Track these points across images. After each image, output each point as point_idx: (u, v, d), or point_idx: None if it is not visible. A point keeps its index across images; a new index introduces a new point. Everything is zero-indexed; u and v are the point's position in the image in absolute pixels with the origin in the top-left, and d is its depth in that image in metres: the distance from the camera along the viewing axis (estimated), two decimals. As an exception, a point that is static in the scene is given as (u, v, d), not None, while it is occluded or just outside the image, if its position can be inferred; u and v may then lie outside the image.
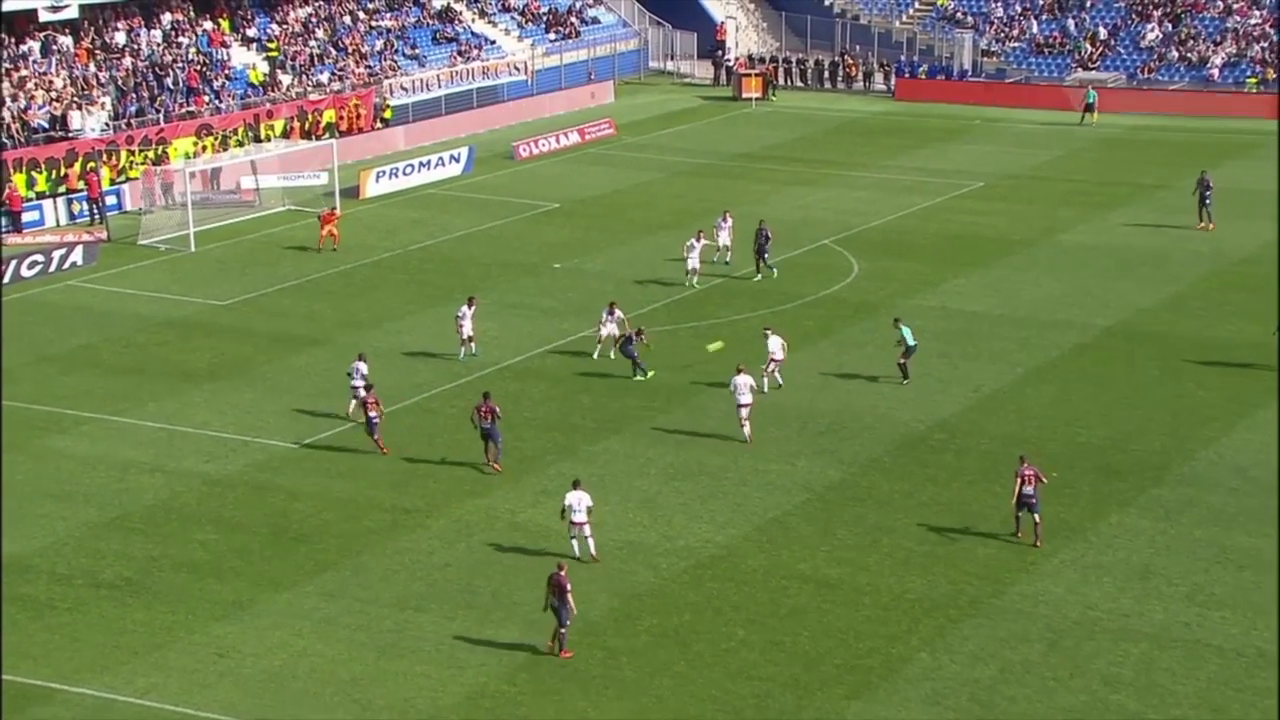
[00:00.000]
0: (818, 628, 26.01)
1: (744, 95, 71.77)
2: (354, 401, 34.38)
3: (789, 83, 75.00)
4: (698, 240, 44.11)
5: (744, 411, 33.19)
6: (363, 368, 34.56)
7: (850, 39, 77.10)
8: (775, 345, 35.80)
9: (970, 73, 72.69)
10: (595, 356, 38.11)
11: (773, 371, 35.88)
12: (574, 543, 28.28)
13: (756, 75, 72.32)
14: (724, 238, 45.59)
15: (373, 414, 32.71)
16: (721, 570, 28.01)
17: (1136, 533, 29.09)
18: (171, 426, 34.67)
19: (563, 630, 25.11)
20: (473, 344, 38.46)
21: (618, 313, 38.54)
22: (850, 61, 74.95)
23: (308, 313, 42.81)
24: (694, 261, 43.78)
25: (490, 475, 31.90)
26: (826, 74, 75.07)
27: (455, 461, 32.68)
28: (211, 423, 34.94)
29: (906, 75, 72.76)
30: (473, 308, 38.44)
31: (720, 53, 76.71)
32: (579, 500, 28.06)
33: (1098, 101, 65.75)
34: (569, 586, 25.03)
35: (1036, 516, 28.56)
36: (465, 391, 36.42)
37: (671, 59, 79.18)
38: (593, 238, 49.65)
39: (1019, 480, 28.49)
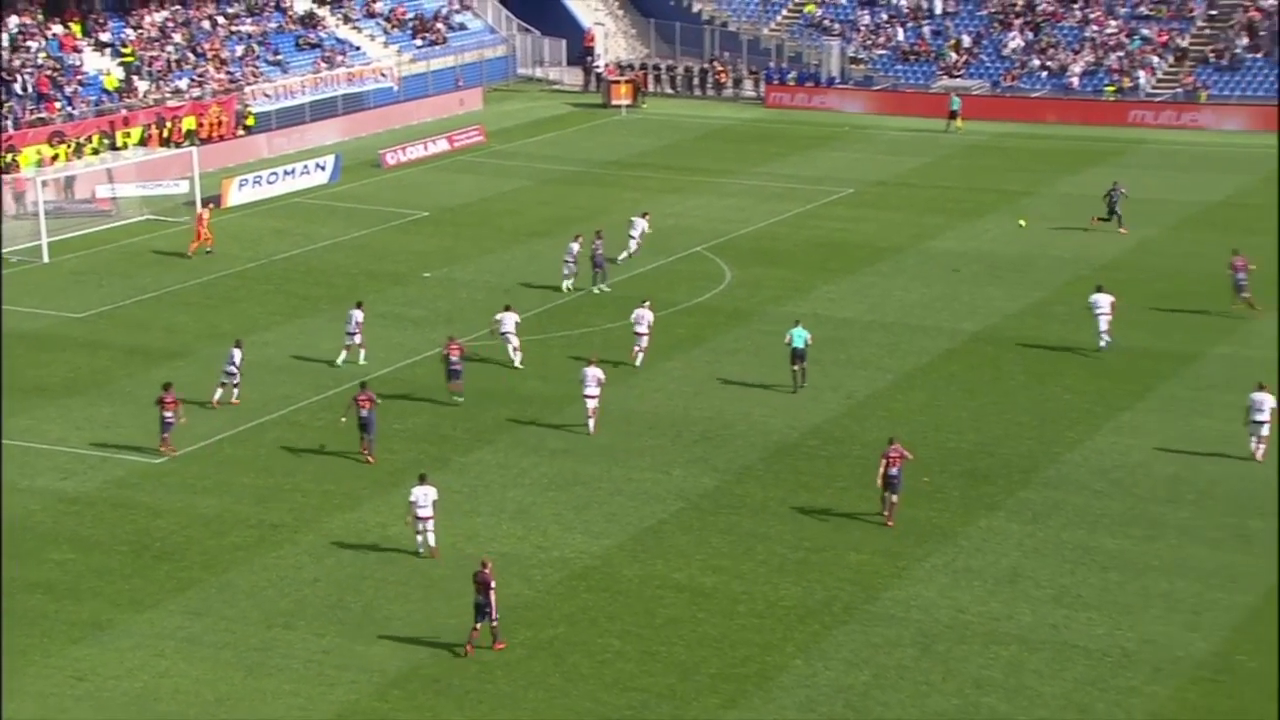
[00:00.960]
0: (693, 637, 26.16)
1: (613, 102, 71.98)
2: (220, 389, 35.33)
3: (659, 89, 75.40)
4: (576, 243, 44.24)
5: (591, 404, 33.96)
6: (237, 355, 35.35)
7: (719, 46, 77.75)
8: (641, 319, 37.29)
9: (838, 80, 73.75)
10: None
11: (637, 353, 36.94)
12: (419, 538, 28.57)
13: (626, 82, 72.57)
14: (634, 243, 46.02)
15: (168, 414, 32.86)
16: (596, 581, 28.06)
17: (1005, 536, 29.72)
18: (25, 443, 33.83)
19: (494, 624, 25.42)
20: (361, 351, 38.37)
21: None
22: (719, 68, 75.58)
23: (168, 325, 42.06)
24: (569, 267, 43.71)
25: (360, 489, 31.59)
26: (696, 81, 75.60)
27: (324, 476, 32.30)
28: (68, 438, 34.15)
29: (776, 82, 73.58)
30: (361, 311, 38.53)
31: (589, 59, 76.89)
32: (425, 495, 28.37)
33: (962, 108, 67.11)
34: (493, 583, 25.30)
35: (895, 497, 29.67)
36: (333, 404, 36.03)
37: (540, 66, 79.15)
38: (462, 246, 49.44)
39: (885, 461, 29.59)
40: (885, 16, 76.79)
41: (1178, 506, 30.75)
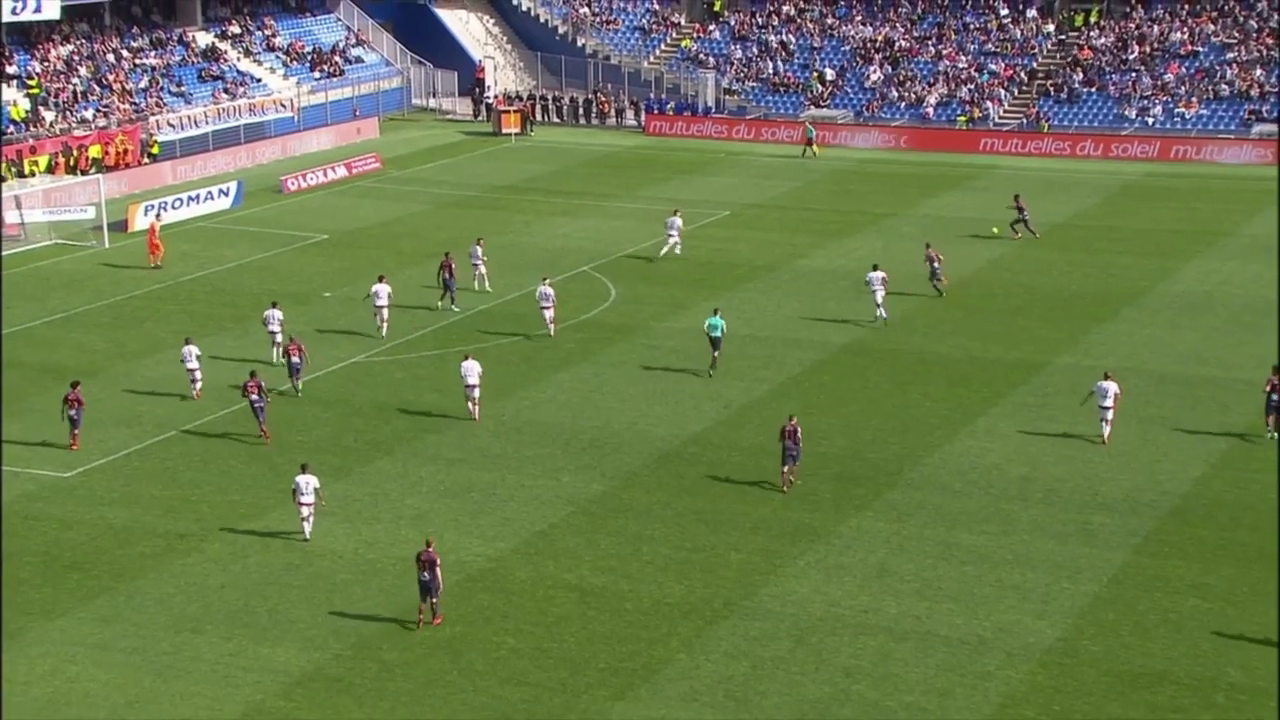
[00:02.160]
0: (582, 634, 26.16)
1: (504, 130, 71.90)
2: (196, 385, 36.67)
3: (546, 119, 75.42)
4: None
5: (475, 393, 35.25)
6: (194, 350, 36.60)
7: (602, 77, 78.01)
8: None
9: (714, 109, 74.32)
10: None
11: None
12: (304, 524, 29.13)
13: (515, 111, 72.52)
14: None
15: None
16: (491, 582, 27.95)
17: (873, 534, 30.11)
18: (-64, 461, 32.89)
19: (435, 600, 25.94)
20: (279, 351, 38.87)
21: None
22: (603, 99, 75.83)
23: (78, 344, 41.16)
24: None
25: (264, 499, 31.16)
26: (581, 110, 75.78)
27: (229, 486, 31.83)
28: (-22, 456, 33.25)
29: (655, 111, 73.98)
30: (279, 310, 39.44)
31: (480, 90, 76.71)
32: (306, 483, 28.97)
33: (817, 135, 67.84)
34: (439, 560, 25.91)
35: (794, 466, 31.60)
36: (238, 418, 35.51)
37: (434, 96, 78.80)
38: (361, 267, 48.99)
39: (783, 436, 31.39)
40: (756, 51, 77.60)
41: (1028, 504, 31.39)
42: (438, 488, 31.98)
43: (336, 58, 75.35)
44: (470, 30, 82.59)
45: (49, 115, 60.71)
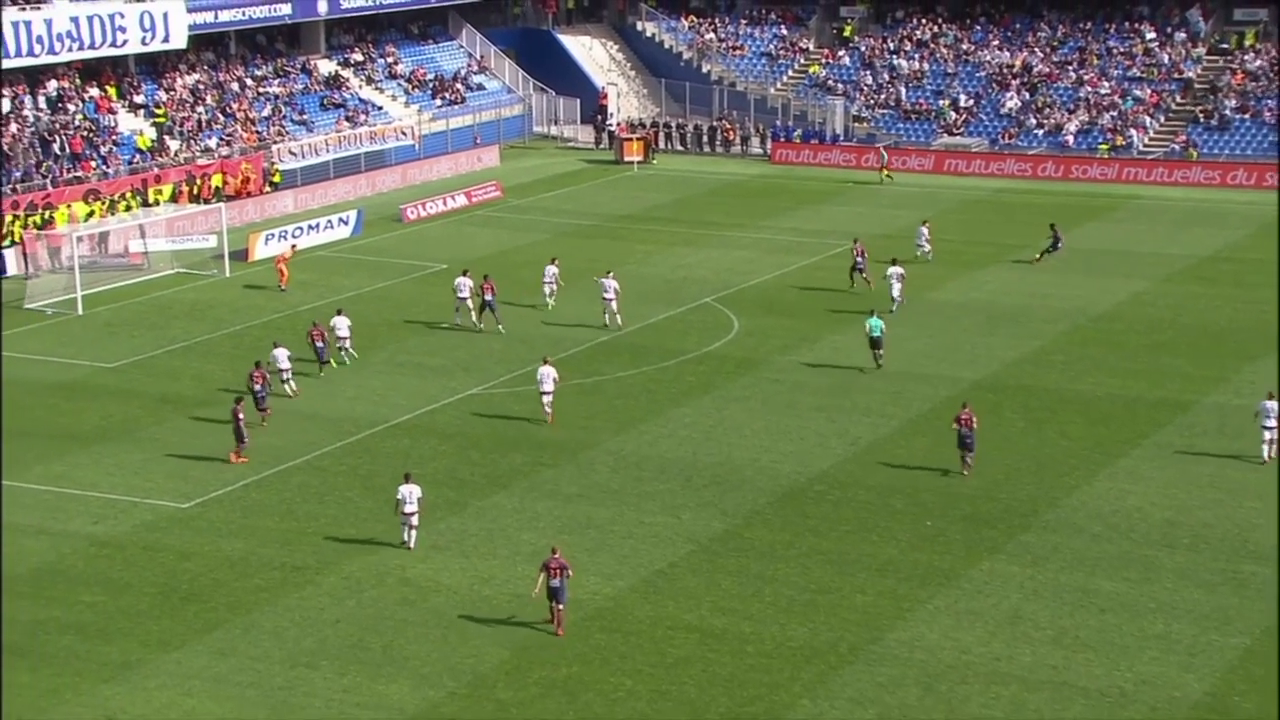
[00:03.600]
0: (703, 677, 26.06)
1: (626, 159, 72.35)
2: (288, 386, 39.07)
3: (669, 146, 75.78)
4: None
5: (547, 399, 37.14)
6: (285, 353, 39.23)
7: (727, 104, 78.20)
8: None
9: (842, 137, 74.06)
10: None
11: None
12: (405, 531, 30.32)
13: (638, 139, 72.97)
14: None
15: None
16: (608, 621, 27.98)
17: (1006, 578, 29.60)
18: (58, 489, 33.90)
19: (561, 607, 26.84)
20: (344, 352, 41.76)
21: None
22: (728, 126, 75.97)
23: (197, 374, 42.19)
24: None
25: (381, 532, 31.55)
26: (705, 138, 75.99)
27: (346, 519, 32.32)
28: (99, 484, 34.22)
29: (781, 139, 73.93)
30: (343, 316, 42.16)
31: (602, 118, 77.36)
32: (410, 493, 30.15)
33: (889, 159, 67.99)
34: (569, 565, 27.07)
35: (970, 455, 33.88)
36: (353, 448, 36.10)
37: (555, 124, 79.63)
38: (479, 297, 49.51)
39: (957, 423, 33.86)
40: (887, 77, 77.23)
41: (1173, 550, 30.63)
42: (555, 523, 32.15)
43: (458, 85, 76.58)
44: (593, 56, 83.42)
45: (174, 144, 62.52)
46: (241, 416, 34.94)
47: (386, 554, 30.65)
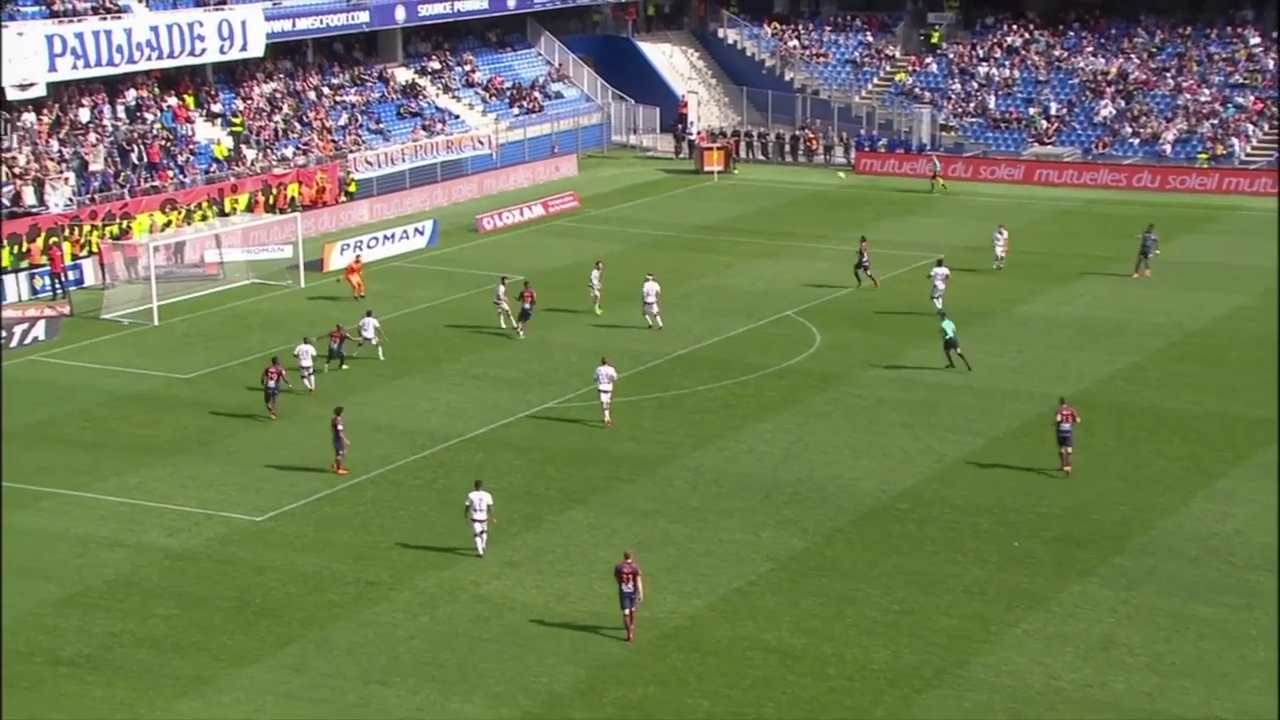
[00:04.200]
0: (782, 699, 25.96)
1: (706, 168, 72.40)
2: (308, 380, 40.77)
3: (750, 156, 75.76)
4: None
5: (605, 398, 37.94)
6: (309, 350, 40.68)
7: (810, 113, 78.04)
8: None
9: (928, 146, 73.63)
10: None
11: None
12: (477, 540, 30.76)
13: (718, 149, 73.02)
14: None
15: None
16: (686, 641, 27.96)
17: (1098, 602, 29.22)
18: (133, 501, 34.45)
19: (633, 611, 27.37)
20: (380, 349, 43.92)
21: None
22: (810, 135, 75.82)
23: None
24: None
25: (455, 547, 31.77)
26: (787, 147, 75.89)
27: (420, 534, 32.57)
28: (174, 496, 34.74)
29: (866, 149, 73.63)
30: (372, 318, 43.54)
31: (682, 127, 77.47)
32: (480, 499, 30.70)
33: (942, 168, 67.89)
34: (641, 570, 27.36)
35: (1070, 449, 34.72)
36: (428, 462, 36.39)
37: (634, 133, 79.88)
38: (557, 309, 49.74)
39: (1058, 417, 34.80)
40: (976, 85, 76.68)
41: (1275, 575, 30.07)
42: (631, 540, 32.17)
43: (536, 93, 77.05)
44: (674, 64, 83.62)
45: (250, 153, 63.41)
46: (341, 426, 35.30)
47: (460, 569, 30.84)
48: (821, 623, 28.54)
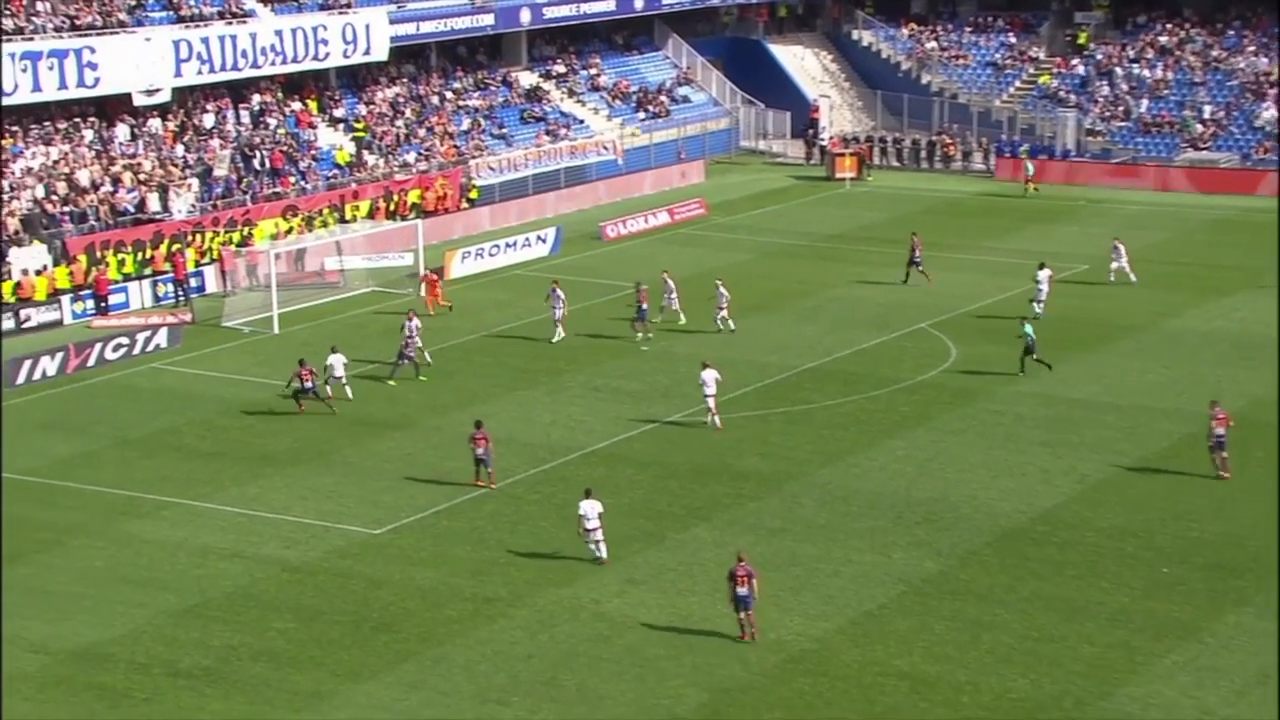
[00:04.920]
0: (914, 728, 25.68)
1: (838, 175, 72.03)
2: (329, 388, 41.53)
3: (884, 162, 75.23)
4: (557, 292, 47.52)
5: (710, 403, 38.56)
6: (341, 360, 41.70)
7: (948, 117, 77.28)
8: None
9: (1074, 152, 72.49)
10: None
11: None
12: (591, 548, 31.19)
13: (851, 154, 72.64)
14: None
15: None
16: (813, 665, 27.79)
17: (1255, 634, 28.47)
18: (252, 511, 35.14)
19: (750, 613, 27.98)
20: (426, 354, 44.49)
21: (559, 293, 47.01)
22: (948, 141, 75.06)
23: (391, 395, 43.30)
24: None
25: (571, 563, 31.92)
26: (923, 153, 75.23)
27: (539, 549, 32.77)
28: (292, 507, 35.37)
29: (1007, 155, 72.72)
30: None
31: (813, 132, 77.16)
32: (591, 508, 31.17)
33: (1035, 172, 66.95)
34: (756, 573, 28.03)
35: (1225, 454, 34.72)
36: (549, 478, 36.62)
37: (763, 138, 79.73)
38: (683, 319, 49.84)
39: (1212, 421, 34.62)
40: (1125, 87, 75.31)
41: None
42: (757, 559, 31.94)
43: (663, 97, 77.29)
44: (805, 67, 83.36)
45: (372, 159, 64.45)
46: (479, 441, 35.59)
47: (580, 586, 30.97)
48: (956, 649, 28.18)
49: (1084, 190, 68.16)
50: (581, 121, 73.58)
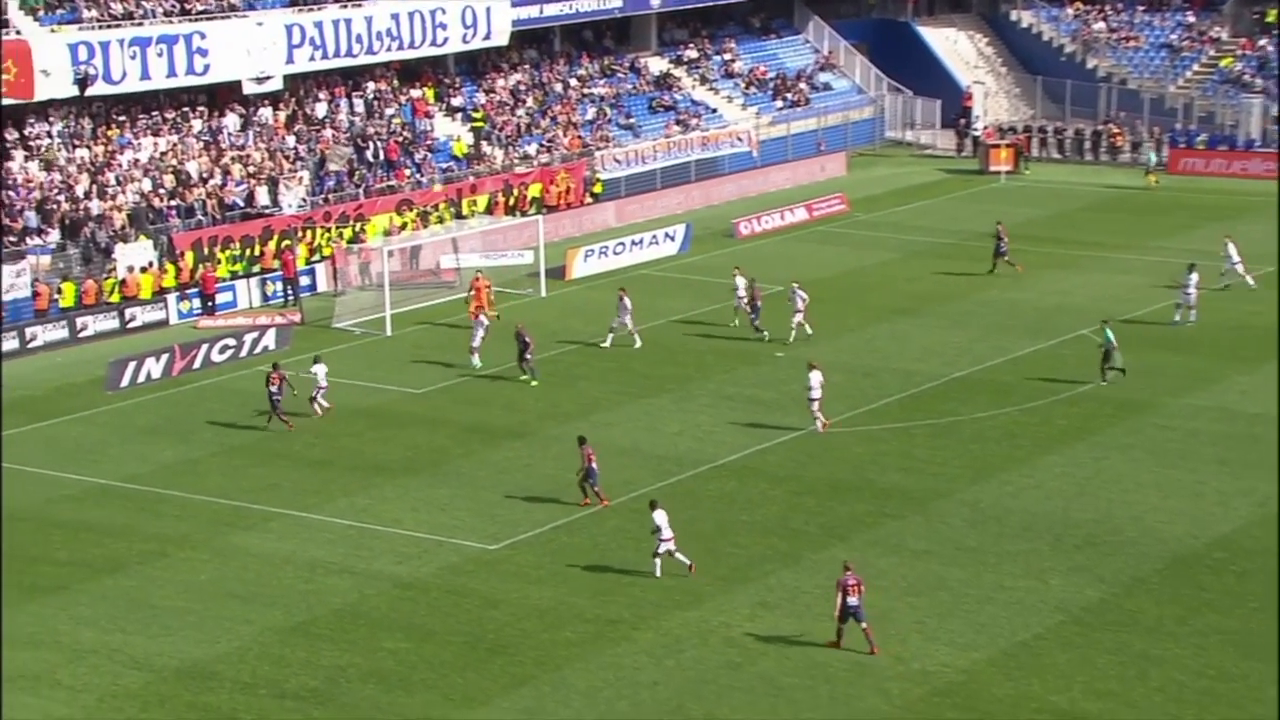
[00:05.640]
0: (1072, 770, 25.33)
1: (992, 168, 71.39)
2: (316, 405, 42.11)
3: (1044, 154, 74.33)
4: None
5: (814, 406, 39.43)
6: (323, 369, 42.14)
7: (1116, 105, 76.13)
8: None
9: (1259, 143, 70.93)
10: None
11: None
12: (655, 562, 31.77)
13: (1007, 146, 71.92)
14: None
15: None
16: (961, 699, 27.53)
17: None
18: (362, 524, 35.67)
19: (865, 627, 28.58)
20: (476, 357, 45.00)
21: (626, 301, 47.03)
22: (1115, 130, 73.93)
23: (508, 402, 43.70)
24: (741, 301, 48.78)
25: (699, 584, 31.94)
26: (1087, 144, 74.18)
27: (665, 568, 32.81)
28: (404, 520, 35.84)
29: (1182, 145, 71.39)
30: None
31: (966, 121, 76.50)
32: (664, 518, 31.91)
33: (1162, 161, 66.43)
34: (861, 585, 28.59)
35: None
36: (674, 490, 36.68)
37: (911, 128, 79.22)
38: (820, 323, 49.67)
39: None
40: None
41: None
42: (900, 583, 31.86)
43: (802, 84, 77.11)
44: (958, 51, 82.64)
45: (490, 150, 65.03)
46: (592, 457, 35.73)
47: (709, 609, 30.99)
48: (1120, 685, 27.75)
49: (1270, 185, 66.64)
50: (714, 110, 73.65)
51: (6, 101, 53.28)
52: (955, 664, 28.65)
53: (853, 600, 28.39)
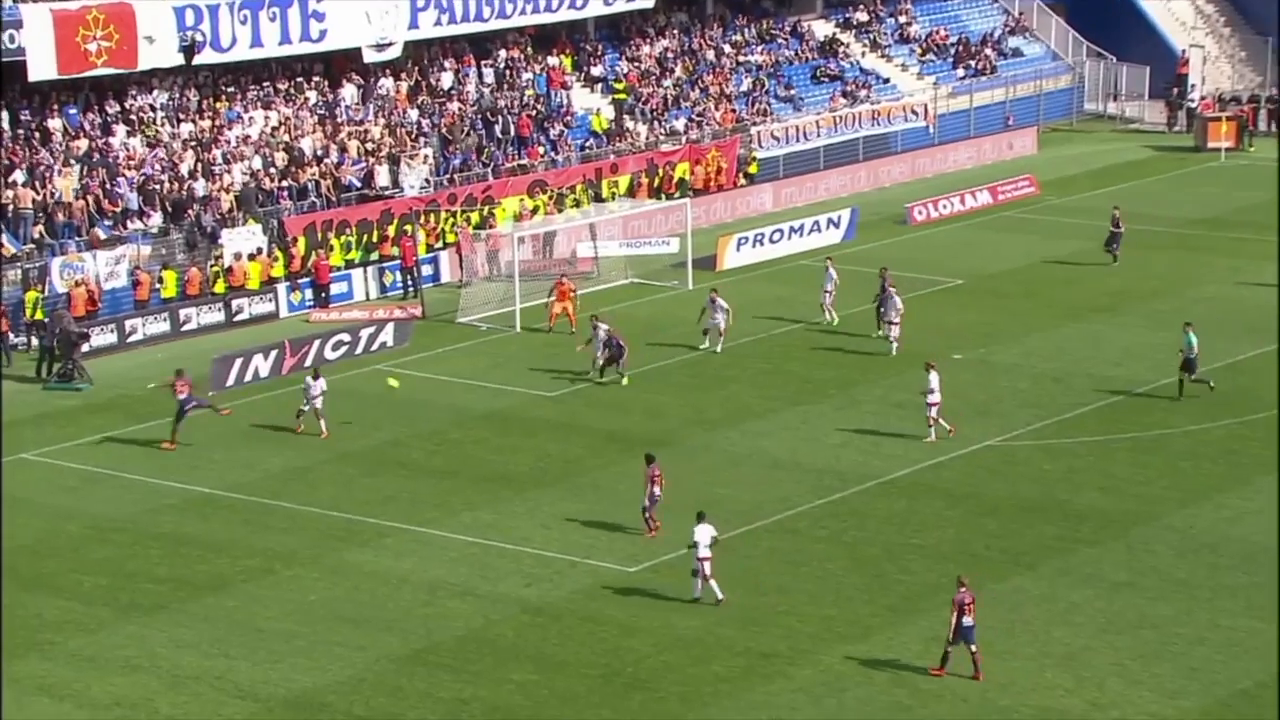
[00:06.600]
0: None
1: (1210, 145, 70.31)
2: (301, 419, 42.18)
3: (1271, 129, 72.84)
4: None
5: (932, 411, 39.53)
6: (321, 385, 42.10)
7: (1362, 70, 74.46)
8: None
9: None
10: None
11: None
12: (709, 582, 31.96)
13: (1228, 119, 70.71)
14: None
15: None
16: (1168, 753, 27.13)
17: None
18: (487, 541, 35.95)
19: (974, 650, 28.87)
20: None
21: (720, 302, 46.94)
22: (1356, 102, 72.35)
23: (649, 407, 43.80)
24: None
25: (869, 616, 31.76)
26: (1322, 118, 72.65)
27: (825, 596, 32.69)
28: (533, 538, 36.07)
29: None
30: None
31: (1179, 91, 75.27)
32: (705, 533, 32.09)
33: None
34: (970, 602, 28.86)
35: None
36: (836, 508, 36.55)
37: (1114, 99, 78.17)
38: (1004, 322, 49.17)
39: None
40: None
41: None
42: (1096, 619, 31.42)
43: (988, 50, 76.40)
44: (1171, 10, 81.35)
45: (633, 125, 65.11)
46: (658, 479, 35.41)
47: (876, 643, 30.81)
48: (1351, 741, 27.11)
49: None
50: (886, 80, 73.22)
51: (107, 71, 54.43)
52: (1163, 713, 28.21)
53: (968, 620, 28.63)
